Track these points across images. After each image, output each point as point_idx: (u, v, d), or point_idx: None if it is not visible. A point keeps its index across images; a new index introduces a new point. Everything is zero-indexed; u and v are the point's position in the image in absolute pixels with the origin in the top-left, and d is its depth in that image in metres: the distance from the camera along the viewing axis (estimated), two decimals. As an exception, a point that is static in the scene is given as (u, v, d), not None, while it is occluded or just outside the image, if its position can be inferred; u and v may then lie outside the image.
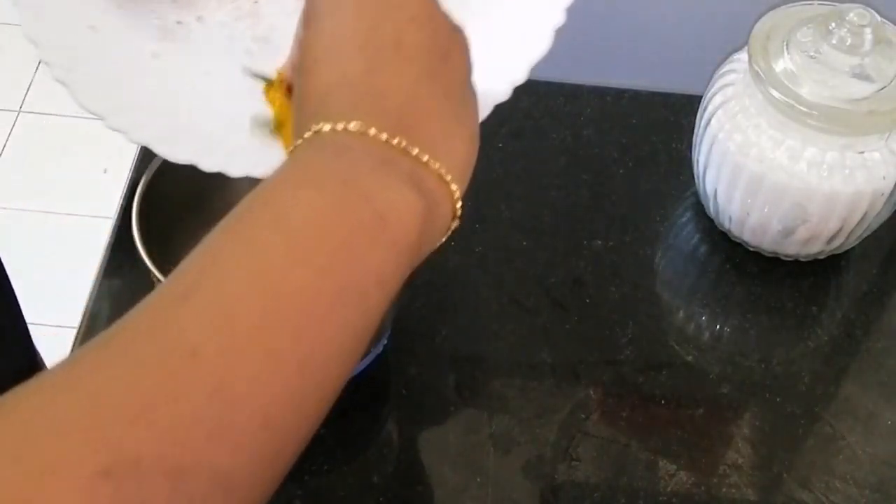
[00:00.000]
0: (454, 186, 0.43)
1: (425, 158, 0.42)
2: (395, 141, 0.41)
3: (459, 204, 0.44)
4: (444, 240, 0.45)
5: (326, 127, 0.41)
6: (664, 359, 0.75)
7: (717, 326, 0.78)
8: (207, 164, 0.54)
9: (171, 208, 0.69)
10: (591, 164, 0.87)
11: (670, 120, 0.90)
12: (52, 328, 1.39)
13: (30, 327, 0.80)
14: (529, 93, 0.81)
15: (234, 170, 0.54)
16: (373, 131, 0.41)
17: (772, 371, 0.75)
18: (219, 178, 0.53)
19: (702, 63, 0.82)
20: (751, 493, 0.69)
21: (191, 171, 0.53)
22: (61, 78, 0.56)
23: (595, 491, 0.68)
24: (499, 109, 0.62)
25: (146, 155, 0.71)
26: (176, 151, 0.60)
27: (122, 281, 0.77)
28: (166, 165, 0.63)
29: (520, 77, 0.58)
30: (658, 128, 0.89)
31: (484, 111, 0.57)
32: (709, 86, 0.79)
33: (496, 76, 0.58)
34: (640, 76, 0.93)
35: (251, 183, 0.45)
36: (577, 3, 0.63)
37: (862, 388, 0.75)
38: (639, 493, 0.68)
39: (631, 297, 0.78)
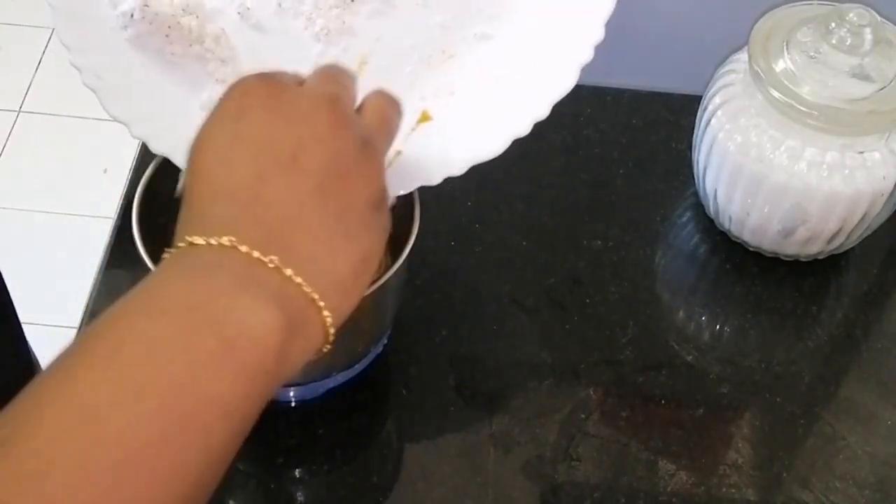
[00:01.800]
0: (326, 312, 0.41)
1: (298, 280, 0.40)
2: (267, 259, 0.40)
3: (332, 329, 0.42)
4: (312, 358, 0.42)
5: (199, 240, 0.40)
6: (664, 359, 0.75)
7: (717, 326, 0.78)
8: None
9: (171, 208, 0.68)
10: (591, 164, 0.87)
11: (670, 120, 0.90)
12: (52, 328, 1.39)
13: (30, 328, 0.80)
14: (529, 93, 0.82)
15: None
16: (244, 248, 0.40)
17: (772, 371, 0.75)
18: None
19: (702, 63, 0.82)
20: (751, 493, 0.69)
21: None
22: (91, 84, 0.56)
23: (595, 491, 0.68)
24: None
25: (146, 155, 0.71)
26: None
27: (123, 281, 0.76)
28: (166, 165, 0.63)
29: (542, 113, 0.57)
30: (658, 128, 0.89)
31: (503, 144, 0.57)
32: (709, 86, 0.79)
33: (518, 110, 0.57)
34: (640, 76, 0.93)
35: None
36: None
37: (862, 388, 0.75)
38: (639, 493, 0.68)
39: (631, 297, 0.78)
